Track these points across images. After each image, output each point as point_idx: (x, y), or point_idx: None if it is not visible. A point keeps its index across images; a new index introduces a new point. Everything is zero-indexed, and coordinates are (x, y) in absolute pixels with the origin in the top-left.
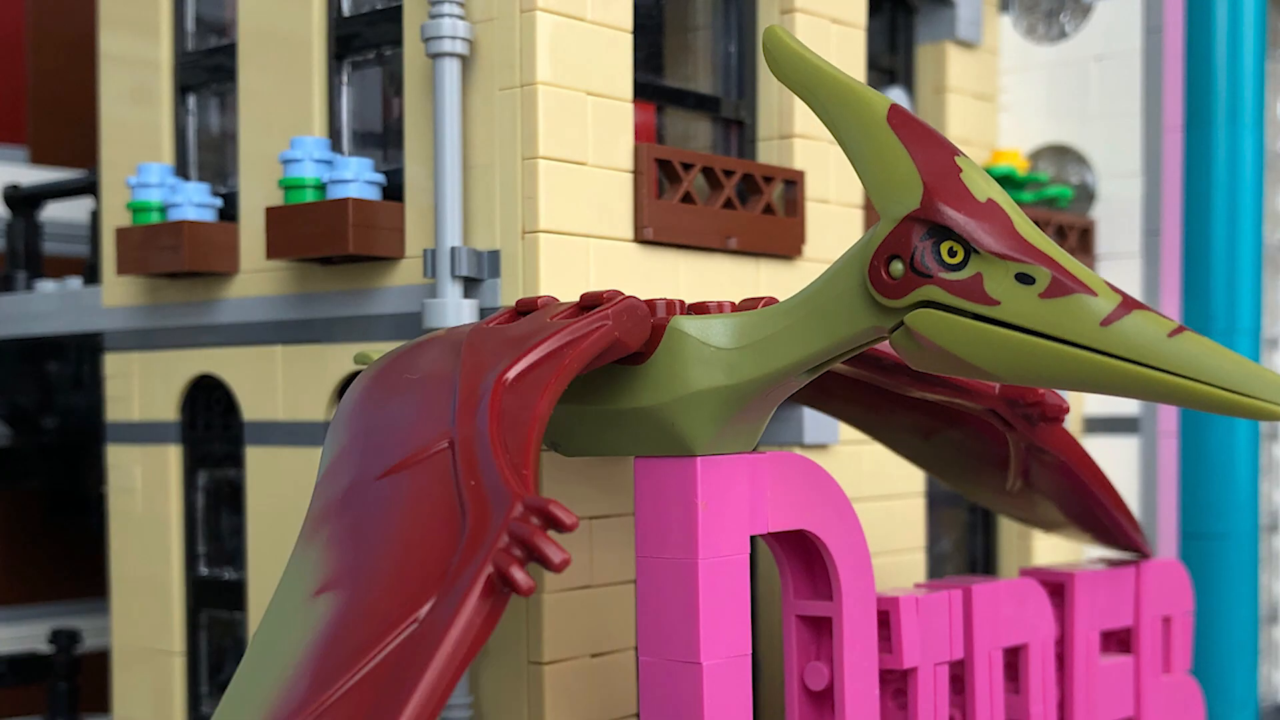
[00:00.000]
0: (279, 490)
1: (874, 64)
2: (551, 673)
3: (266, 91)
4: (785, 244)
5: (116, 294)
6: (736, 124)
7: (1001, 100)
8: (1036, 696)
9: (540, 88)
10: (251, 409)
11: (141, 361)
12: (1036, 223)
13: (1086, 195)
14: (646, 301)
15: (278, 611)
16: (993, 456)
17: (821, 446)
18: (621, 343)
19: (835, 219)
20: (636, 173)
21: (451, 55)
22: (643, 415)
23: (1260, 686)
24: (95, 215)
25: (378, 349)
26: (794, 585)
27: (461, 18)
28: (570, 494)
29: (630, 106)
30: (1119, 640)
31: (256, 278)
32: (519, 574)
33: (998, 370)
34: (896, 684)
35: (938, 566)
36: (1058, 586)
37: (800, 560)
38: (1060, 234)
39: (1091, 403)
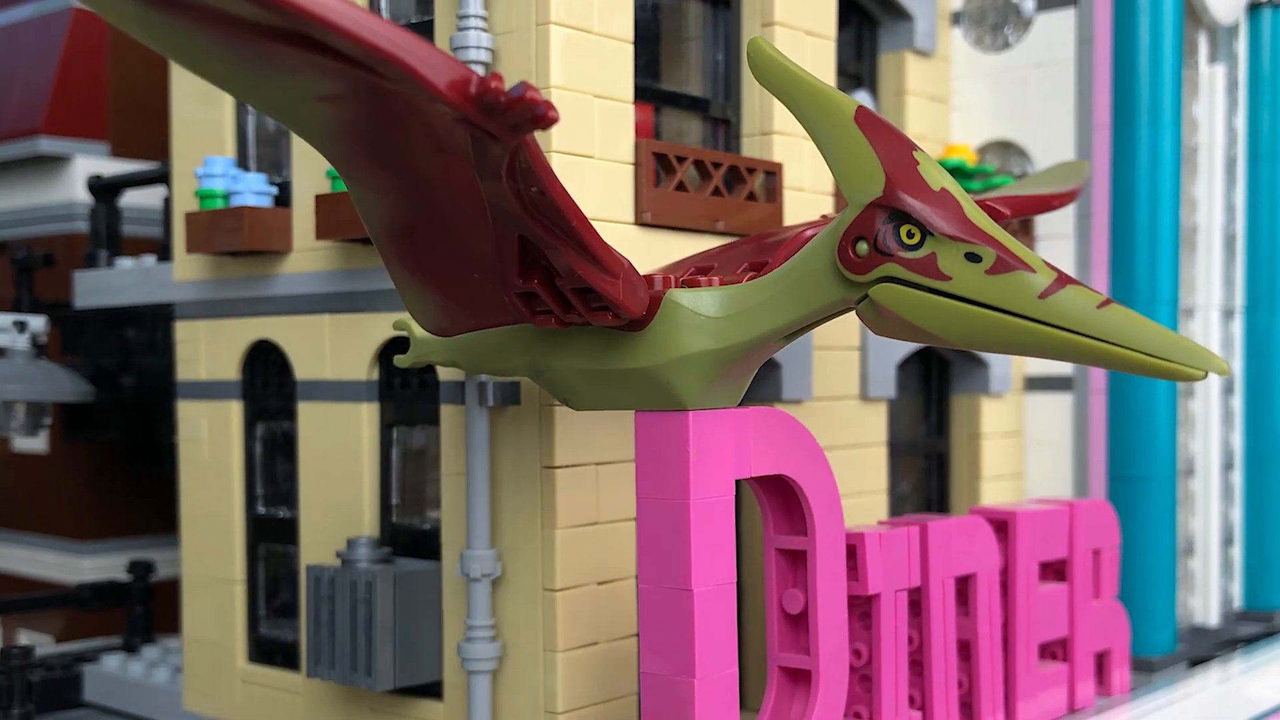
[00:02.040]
0: (326, 439)
1: (843, 70)
2: (563, 598)
3: None
4: (765, 226)
5: (186, 270)
6: (723, 122)
7: (953, 102)
8: (983, 619)
9: (553, 91)
10: (303, 369)
11: (207, 328)
12: (983, 208)
13: None
14: (646, 276)
15: None
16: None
17: (797, 402)
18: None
19: (808, 205)
20: (637, 165)
21: (477, 63)
22: (642, 375)
23: (1178, 610)
24: (167, 202)
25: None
26: (773, 522)
27: (485, 30)
28: (580, 442)
29: (631, 107)
30: (1055, 570)
31: (307, 255)
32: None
33: (950, 337)
34: (862, 608)
35: (898, 506)
36: (1002, 524)
37: (779, 501)
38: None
39: (1030, 364)
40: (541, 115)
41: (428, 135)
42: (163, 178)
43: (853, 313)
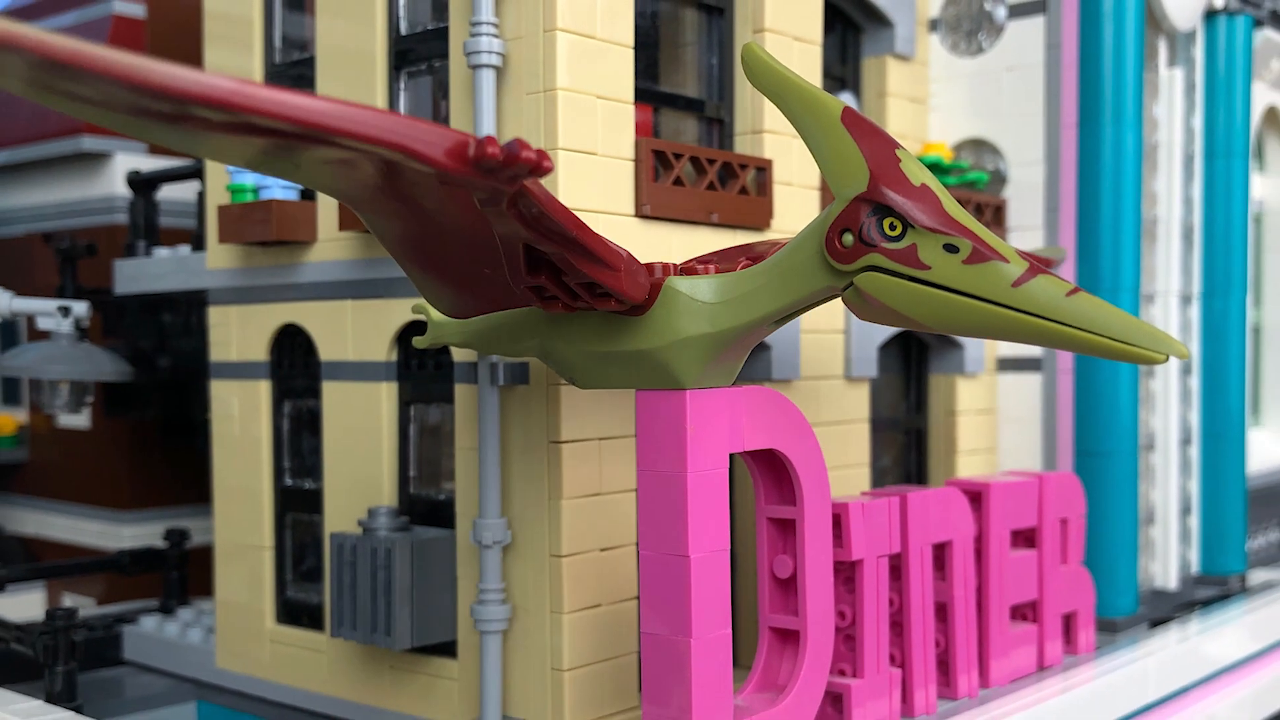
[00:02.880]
0: (348, 416)
1: (829, 73)
2: (569, 564)
3: (339, 96)
4: (757, 218)
5: (218, 259)
6: (718, 121)
7: (931, 102)
8: (959, 583)
9: (560, 93)
10: (327, 351)
11: (238, 313)
12: (959, 202)
13: (1000, 179)
14: (646, 265)
15: None
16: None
17: (786, 381)
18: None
19: (797, 198)
20: (637, 161)
21: (488, 66)
22: (643, 356)
23: (1139, 575)
24: (201, 195)
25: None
26: (764, 493)
27: (496, 36)
28: (585, 418)
29: (632, 108)
30: (1025, 537)
31: (330, 245)
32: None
33: (929, 322)
34: (847, 573)
35: (879, 478)
36: (976, 494)
37: (769, 473)
38: (978, 211)
39: (1003, 347)
40: (537, 167)
41: (433, 183)
42: (197, 173)
43: (838, 299)
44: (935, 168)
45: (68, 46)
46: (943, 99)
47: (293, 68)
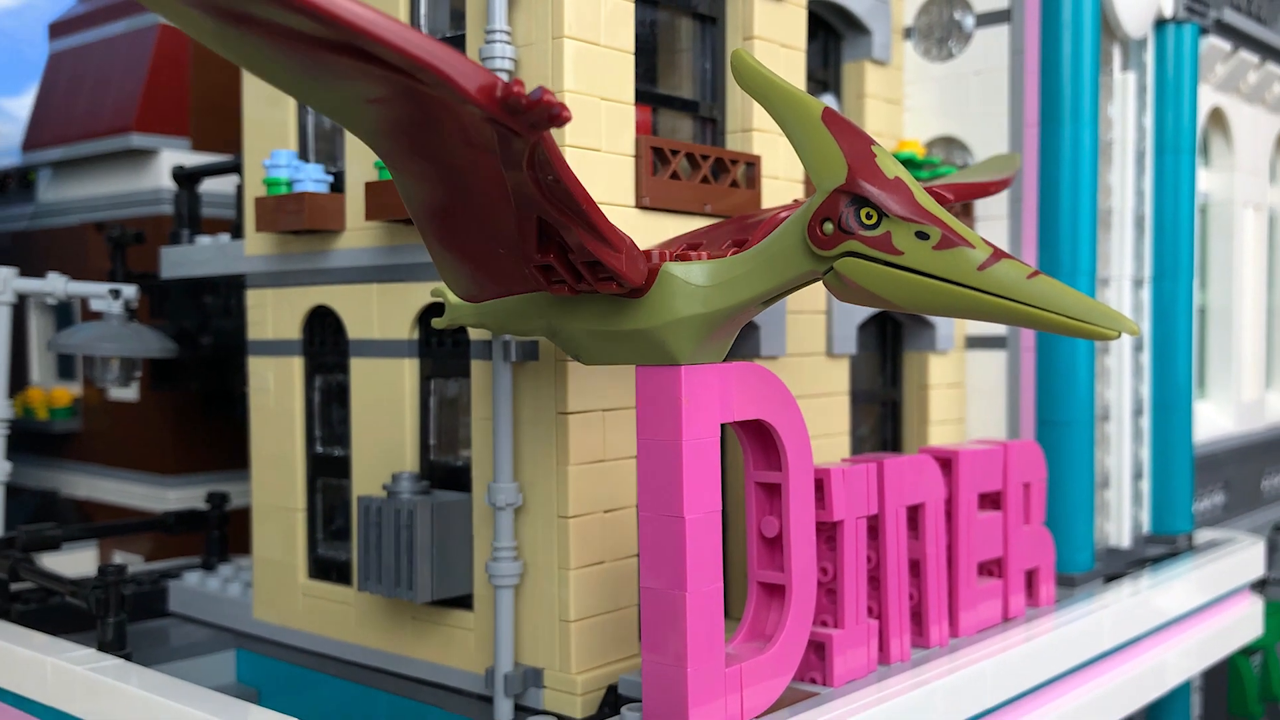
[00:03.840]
0: (373, 390)
1: (812, 77)
2: (575, 524)
3: None
4: (746, 209)
5: (255, 246)
6: (710, 121)
7: (905, 104)
8: (931, 541)
9: (566, 94)
10: (354, 330)
11: (273, 295)
12: (930, 194)
13: None
14: (645, 251)
15: None
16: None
17: (773, 358)
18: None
19: (782, 191)
20: (637, 157)
21: (502, 70)
22: (642, 335)
23: (1095, 534)
24: (239, 188)
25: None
26: (753, 460)
27: (509, 43)
28: (589, 392)
29: (632, 108)
30: (991, 500)
31: (358, 234)
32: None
33: (902, 303)
34: (828, 532)
35: (858, 446)
36: (947, 461)
37: (757, 441)
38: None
39: (971, 326)
40: (557, 115)
41: (460, 132)
42: (236, 168)
43: (820, 282)
44: (909, 163)
45: None
46: (916, 100)
47: None
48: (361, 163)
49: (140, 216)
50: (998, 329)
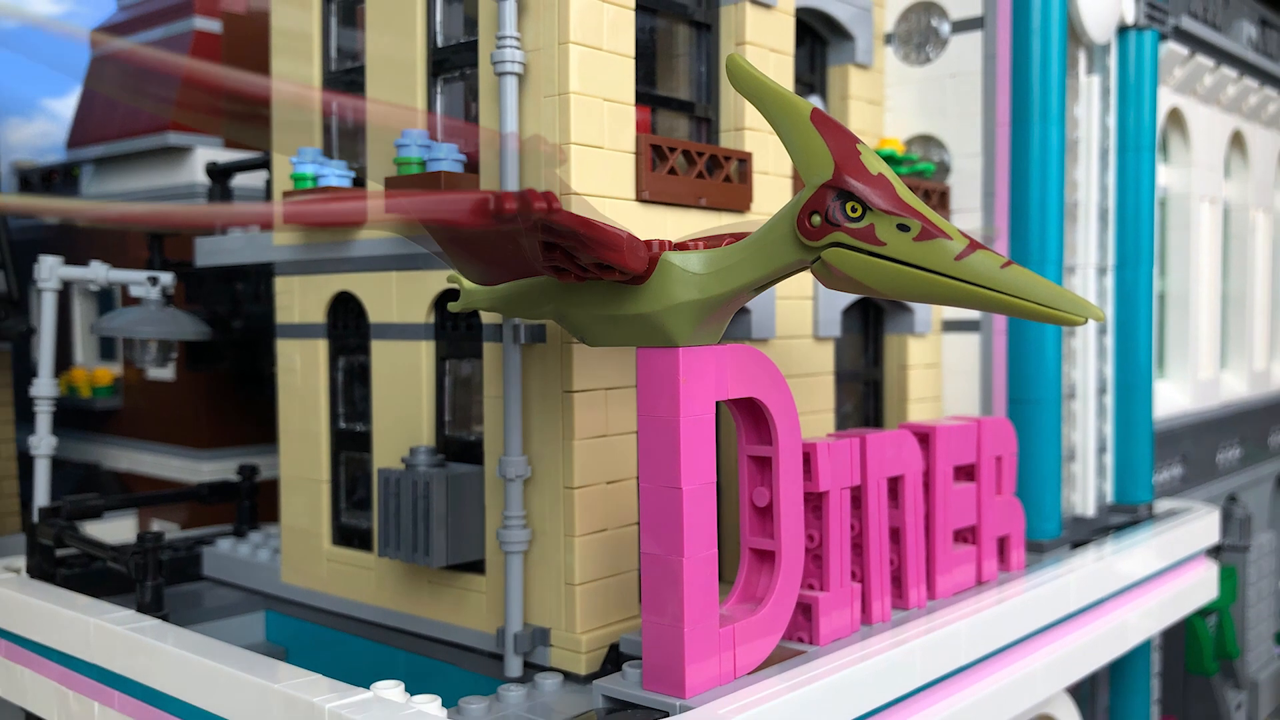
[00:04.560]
0: (393, 370)
1: (800, 79)
2: (580, 494)
3: (385, 98)
4: (739, 202)
5: (284, 236)
6: (705, 120)
7: (886, 104)
8: (910, 510)
9: (572, 96)
10: (375, 314)
11: (300, 282)
12: (910, 188)
13: (944, 169)
14: (645, 242)
15: None
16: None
17: (764, 340)
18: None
19: (772, 186)
20: (637, 154)
21: (512, 74)
22: (642, 319)
23: (1062, 504)
24: (269, 183)
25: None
26: (745, 434)
27: (519, 48)
28: (593, 371)
29: (633, 108)
30: (966, 472)
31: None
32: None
33: (884, 290)
34: (815, 502)
35: (843, 423)
36: (925, 436)
37: (750, 418)
38: (926, 196)
39: (947, 311)
40: (543, 208)
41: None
42: (265, 164)
43: (808, 270)
44: (890, 159)
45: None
46: (896, 101)
47: (346, 74)
48: (382, 160)
49: None
50: (972, 314)
